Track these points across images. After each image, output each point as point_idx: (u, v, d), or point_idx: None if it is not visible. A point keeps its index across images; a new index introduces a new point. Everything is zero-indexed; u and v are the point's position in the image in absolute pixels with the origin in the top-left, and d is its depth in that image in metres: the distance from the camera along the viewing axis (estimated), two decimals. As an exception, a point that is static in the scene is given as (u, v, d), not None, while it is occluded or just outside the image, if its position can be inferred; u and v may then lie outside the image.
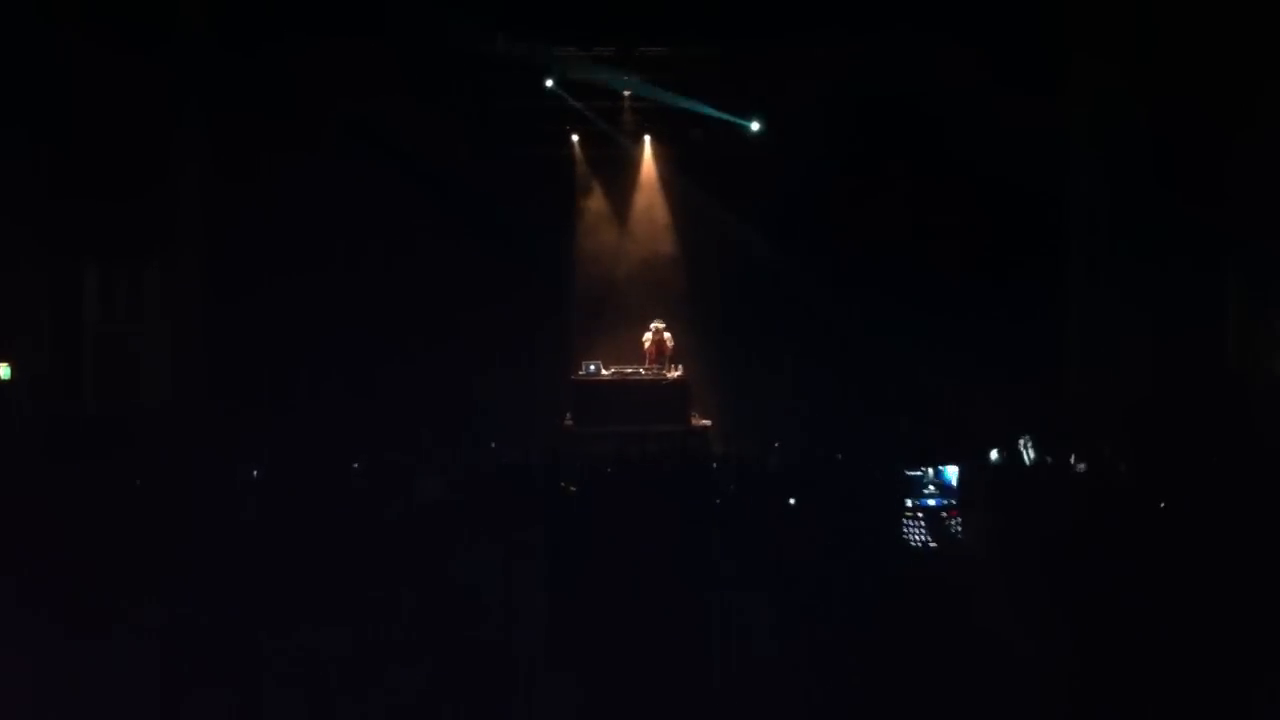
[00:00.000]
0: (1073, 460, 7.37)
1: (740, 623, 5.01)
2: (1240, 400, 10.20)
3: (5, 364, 10.04)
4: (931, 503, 5.85)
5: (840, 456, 9.75)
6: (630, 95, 13.84)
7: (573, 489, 6.75)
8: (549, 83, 13.36)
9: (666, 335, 13.82)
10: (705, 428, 13.37)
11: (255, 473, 7.52)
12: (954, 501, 5.82)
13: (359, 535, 5.61)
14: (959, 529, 5.61)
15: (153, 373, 11.10)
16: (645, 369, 13.69)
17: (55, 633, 4.68)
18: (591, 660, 4.77)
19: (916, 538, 5.62)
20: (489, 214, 13.71)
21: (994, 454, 7.20)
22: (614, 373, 13.65)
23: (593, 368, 13.54)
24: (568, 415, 13.50)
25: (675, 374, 13.51)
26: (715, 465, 8.75)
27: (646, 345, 13.83)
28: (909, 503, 5.82)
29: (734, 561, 5.75)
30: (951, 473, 5.96)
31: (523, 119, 13.96)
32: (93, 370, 10.68)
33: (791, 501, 6.51)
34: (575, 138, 14.61)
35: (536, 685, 4.72)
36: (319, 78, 11.77)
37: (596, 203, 14.74)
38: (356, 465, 7.60)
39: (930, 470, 5.95)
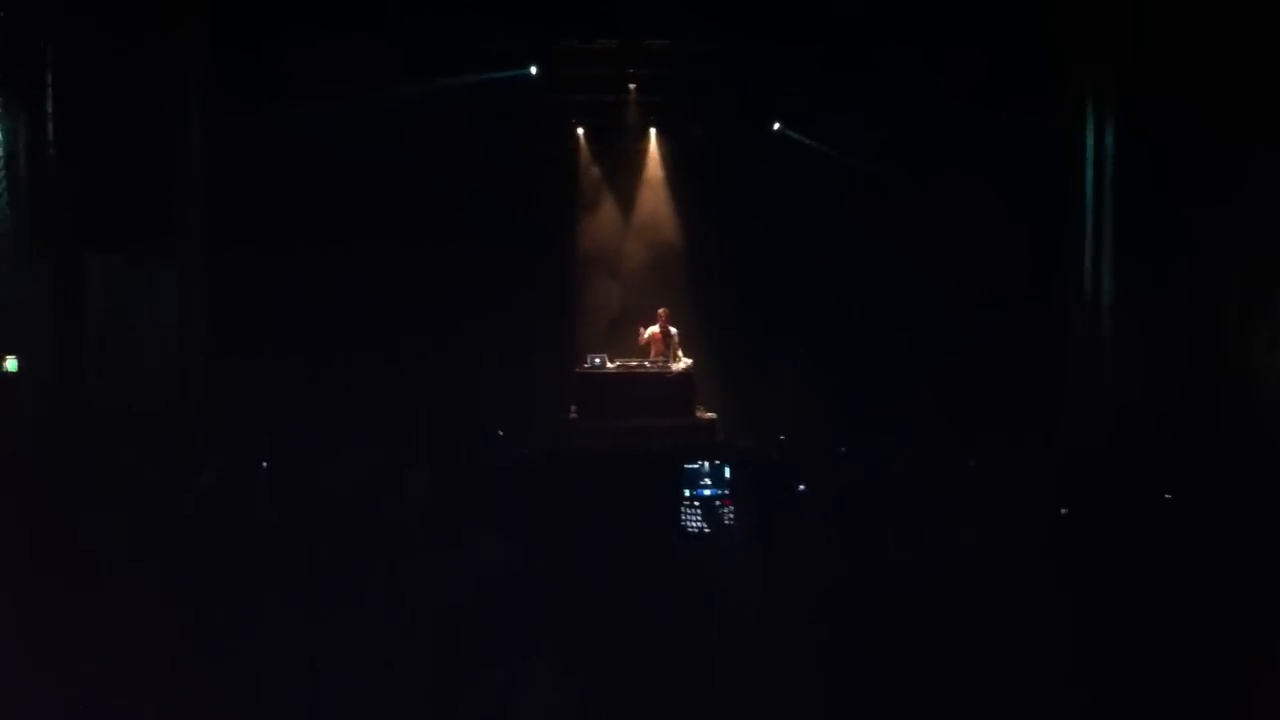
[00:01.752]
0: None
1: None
2: (1238, 402, 10.20)
3: (13, 357, 10.07)
4: (707, 493, 6.33)
5: (843, 450, 9.83)
6: (635, 88, 13.88)
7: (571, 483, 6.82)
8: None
9: (671, 329, 13.84)
10: (710, 421, 13.39)
11: (257, 469, 7.58)
12: (727, 492, 6.32)
13: (352, 532, 5.64)
14: (730, 517, 6.19)
15: (156, 368, 11.13)
16: (650, 361, 13.70)
17: (57, 629, 4.71)
18: (582, 648, 4.81)
19: (693, 524, 6.16)
20: (493, 207, 13.74)
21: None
22: (619, 366, 13.66)
23: (597, 361, 13.54)
24: (572, 409, 13.52)
25: (680, 367, 13.52)
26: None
27: (654, 333, 13.83)
28: (687, 492, 6.31)
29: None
30: (726, 467, 6.43)
31: (527, 112, 13.98)
32: (96, 365, 10.71)
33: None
34: (580, 131, 14.63)
35: (531, 679, 4.74)
36: (321, 71, 11.79)
37: (601, 196, 14.78)
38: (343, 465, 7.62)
39: (706, 464, 6.36)
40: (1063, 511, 5.73)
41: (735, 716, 4.65)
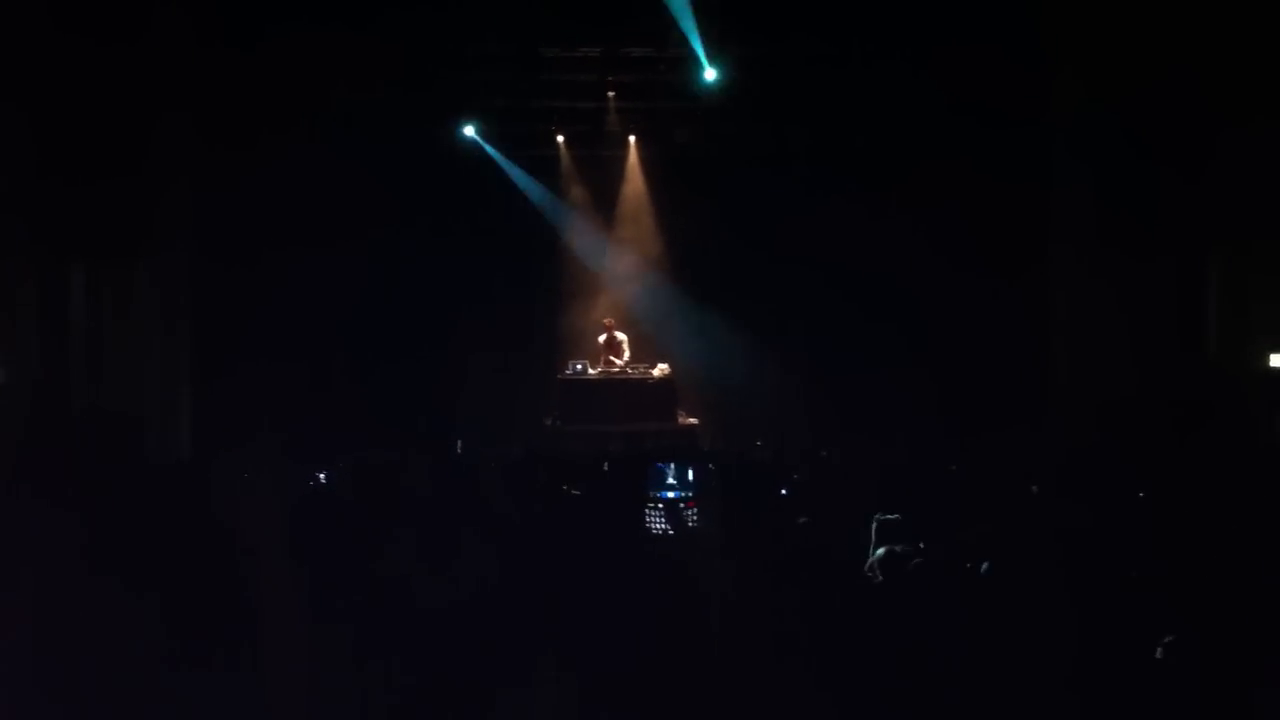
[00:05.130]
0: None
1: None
2: (1222, 394, 10.31)
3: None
4: (671, 495, 6.41)
5: (824, 453, 9.90)
6: (615, 96, 13.93)
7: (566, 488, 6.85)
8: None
9: (619, 334, 13.93)
10: (692, 426, 13.44)
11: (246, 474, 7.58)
12: (691, 494, 6.41)
13: (345, 535, 5.66)
14: (694, 518, 6.24)
15: (141, 372, 11.10)
16: (614, 369, 13.73)
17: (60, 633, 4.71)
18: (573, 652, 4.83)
19: (657, 525, 6.18)
20: (475, 213, 13.78)
21: None
22: (600, 372, 13.70)
23: (579, 366, 13.58)
24: (554, 414, 13.55)
25: (662, 372, 13.56)
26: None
27: (600, 342, 13.94)
28: (651, 494, 6.40)
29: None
30: (689, 469, 6.54)
31: (509, 119, 14.00)
32: (83, 370, 10.68)
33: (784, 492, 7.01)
34: (561, 138, 14.66)
35: (526, 682, 4.76)
36: (304, 75, 11.80)
37: (582, 202, 14.80)
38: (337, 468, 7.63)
39: (671, 466, 6.44)
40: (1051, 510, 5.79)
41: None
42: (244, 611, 5.01)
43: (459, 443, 10.84)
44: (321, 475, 7.52)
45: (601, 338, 13.98)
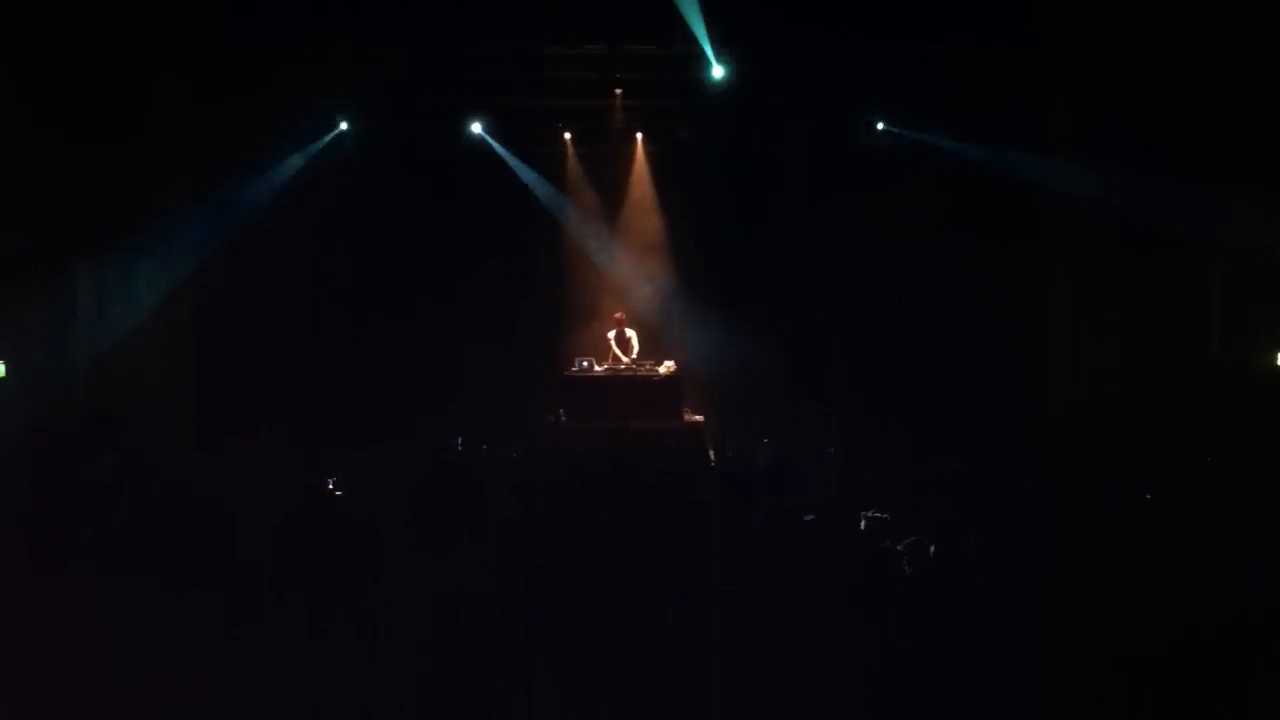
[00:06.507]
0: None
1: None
2: (1222, 394, 10.29)
3: (0, 362, 10.05)
4: None
5: (831, 451, 9.89)
6: (621, 93, 13.93)
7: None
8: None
9: (628, 330, 13.93)
10: (697, 424, 13.43)
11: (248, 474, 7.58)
12: None
13: (346, 534, 5.67)
14: None
15: (144, 370, 11.13)
16: (623, 365, 13.74)
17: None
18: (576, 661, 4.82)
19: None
20: (481, 210, 13.79)
21: None
22: (606, 369, 13.70)
23: (585, 364, 13.58)
24: (560, 411, 13.55)
25: (667, 369, 13.56)
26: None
27: (610, 337, 13.93)
28: None
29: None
30: None
31: (514, 116, 14.01)
32: (85, 364, 10.70)
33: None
34: (567, 135, 14.67)
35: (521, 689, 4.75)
36: (308, 70, 11.82)
37: (588, 199, 14.80)
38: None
39: None
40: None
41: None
42: (245, 609, 5.03)
43: (459, 440, 10.82)
44: (330, 481, 7.52)
45: (611, 333, 13.97)
